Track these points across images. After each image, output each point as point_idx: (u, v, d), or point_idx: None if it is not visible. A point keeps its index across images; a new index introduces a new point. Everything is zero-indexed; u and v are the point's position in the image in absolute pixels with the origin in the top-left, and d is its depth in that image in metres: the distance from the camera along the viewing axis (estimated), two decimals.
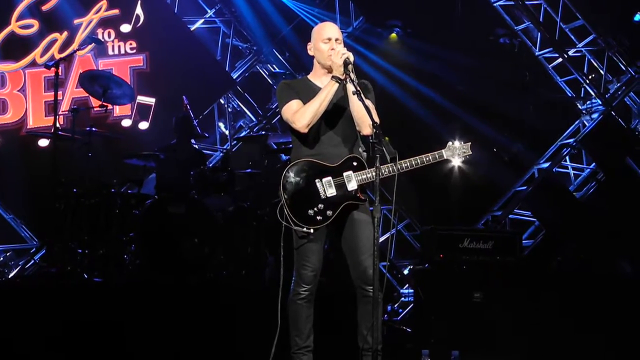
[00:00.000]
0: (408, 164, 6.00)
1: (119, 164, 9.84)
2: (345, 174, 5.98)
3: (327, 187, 5.95)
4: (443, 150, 6.14)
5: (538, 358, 8.55)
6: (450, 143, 6.17)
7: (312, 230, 5.90)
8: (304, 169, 5.98)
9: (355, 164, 6.00)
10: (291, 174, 5.97)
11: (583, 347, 8.82)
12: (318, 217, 5.91)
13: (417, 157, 6.04)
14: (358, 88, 5.80)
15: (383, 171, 5.83)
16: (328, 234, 6.08)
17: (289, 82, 6.27)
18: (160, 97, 11.25)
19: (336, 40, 6.09)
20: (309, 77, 6.22)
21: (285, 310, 6.04)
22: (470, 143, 6.20)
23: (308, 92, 6.05)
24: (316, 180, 5.95)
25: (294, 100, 6.02)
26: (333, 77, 5.92)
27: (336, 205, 5.94)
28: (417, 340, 8.90)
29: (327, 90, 5.92)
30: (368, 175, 5.96)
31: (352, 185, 5.97)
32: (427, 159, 6.08)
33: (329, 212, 5.93)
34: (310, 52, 6.19)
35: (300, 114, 5.95)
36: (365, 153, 6.04)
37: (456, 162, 6.20)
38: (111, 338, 7.37)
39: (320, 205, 5.92)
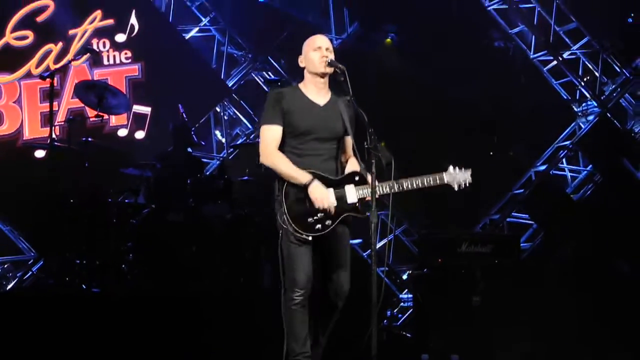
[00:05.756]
0: (407, 184, 6.03)
1: (115, 174, 9.82)
2: (346, 187, 6.02)
3: None
4: (444, 174, 6.12)
5: None
6: (451, 168, 6.14)
7: (310, 238, 5.92)
8: None
9: (357, 178, 6.05)
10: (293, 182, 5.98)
11: (583, 350, 8.82)
12: (317, 226, 5.93)
13: (417, 178, 6.05)
14: (352, 96, 5.89)
15: (382, 190, 5.94)
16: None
17: (279, 94, 6.19)
18: (156, 106, 11.26)
19: (327, 49, 6.11)
20: (300, 86, 6.21)
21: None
22: (470, 170, 6.17)
23: (298, 103, 6.07)
24: None
25: (275, 127, 6.03)
26: (313, 174, 5.94)
27: (335, 216, 5.96)
28: (417, 345, 8.90)
29: (298, 175, 5.93)
30: (368, 191, 5.98)
31: (352, 199, 6.00)
32: (428, 180, 6.09)
33: (328, 222, 5.95)
34: (302, 64, 6.20)
35: (267, 156, 6.01)
36: (365, 171, 6.04)
37: (455, 187, 6.16)
38: (110, 348, 7.36)
39: (320, 215, 5.94)
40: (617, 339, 8.95)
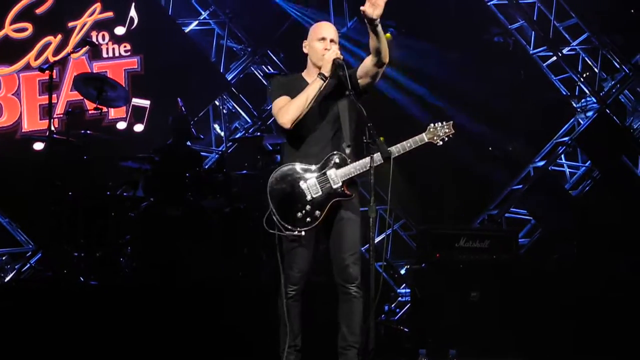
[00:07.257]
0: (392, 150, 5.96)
1: (114, 167, 9.81)
2: (328, 172, 5.98)
3: (311, 188, 5.96)
4: (424, 134, 6.05)
5: (535, 356, 8.56)
6: (431, 125, 6.08)
7: (303, 233, 5.91)
8: (288, 173, 6.01)
9: (337, 160, 6.00)
10: (275, 181, 6.00)
11: (581, 345, 8.83)
12: (307, 219, 5.93)
13: (398, 145, 5.99)
14: (351, 90, 5.84)
15: (366, 165, 5.86)
16: (317, 235, 6.07)
17: (281, 78, 6.29)
18: (155, 99, 11.25)
19: (331, 40, 6.10)
20: (303, 74, 6.21)
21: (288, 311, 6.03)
22: (452, 122, 6.10)
23: (297, 87, 6.05)
24: (300, 183, 5.98)
25: (283, 97, 6.04)
26: (319, 74, 5.94)
27: (323, 205, 5.95)
28: (415, 340, 8.90)
29: (312, 86, 5.94)
30: (351, 170, 5.96)
31: (336, 183, 5.97)
32: (409, 144, 6.01)
33: (317, 213, 5.94)
34: (305, 50, 6.20)
35: (285, 110, 5.97)
36: (348, 148, 5.99)
37: (439, 142, 6.06)
38: (108, 341, 7.36)
39: (308, 207, 5.94)
40: (616, 335, 8.96)
